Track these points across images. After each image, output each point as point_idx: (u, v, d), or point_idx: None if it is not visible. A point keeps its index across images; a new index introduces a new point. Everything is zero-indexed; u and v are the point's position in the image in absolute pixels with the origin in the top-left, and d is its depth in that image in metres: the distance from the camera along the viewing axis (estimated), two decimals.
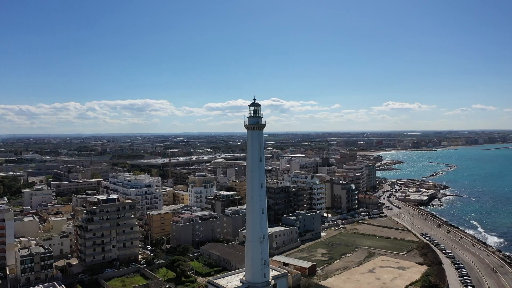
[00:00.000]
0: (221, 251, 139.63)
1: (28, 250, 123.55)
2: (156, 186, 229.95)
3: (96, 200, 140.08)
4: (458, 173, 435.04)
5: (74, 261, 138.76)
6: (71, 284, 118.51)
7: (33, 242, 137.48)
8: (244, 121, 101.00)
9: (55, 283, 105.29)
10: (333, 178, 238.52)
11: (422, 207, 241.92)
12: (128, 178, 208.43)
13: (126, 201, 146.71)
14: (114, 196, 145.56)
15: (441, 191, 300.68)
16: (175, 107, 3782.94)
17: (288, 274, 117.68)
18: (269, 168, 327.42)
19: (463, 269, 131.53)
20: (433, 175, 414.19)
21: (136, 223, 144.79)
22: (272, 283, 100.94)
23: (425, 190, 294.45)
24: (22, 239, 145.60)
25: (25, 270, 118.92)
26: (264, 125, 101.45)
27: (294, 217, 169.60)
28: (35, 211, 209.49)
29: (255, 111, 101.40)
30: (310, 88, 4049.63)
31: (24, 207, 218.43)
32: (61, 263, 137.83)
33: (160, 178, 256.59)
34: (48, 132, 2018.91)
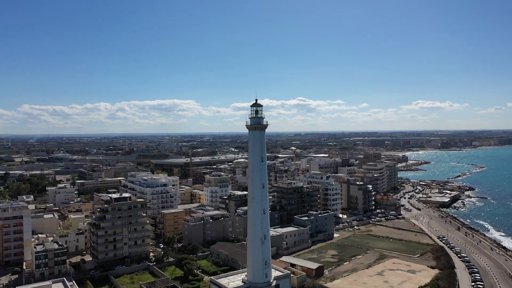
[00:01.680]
0: (229, 250, 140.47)
1: (43, 246, 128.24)
2: (174, 185, 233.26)
3: (109, 198, 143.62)
4: (486, 174, 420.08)
5: (88, 258, 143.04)
6: (83, 280, 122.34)
7: (50, 238, 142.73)
8: (246, 122, 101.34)
9: (65, 278, 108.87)
10: (350, 178, 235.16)
11: (443, 209, 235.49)
12: (145, 178, 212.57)
13: (138, 200, 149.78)
14: (126, 195, 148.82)
15: (465, 193, 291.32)
16: (202, 107, 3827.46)
17: (292, 275, 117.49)
18: (286, 168, 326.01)
19: (476, 274, 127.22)
20: (459, 176, 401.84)
21: (148, 222, 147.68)
22: (273, 284, 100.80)
23: (448, 191, 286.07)
24: (40, 235, 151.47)
25: (40, 265, 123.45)
26: (266, 126, 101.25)
27: (306, 218, 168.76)
28: (57, 208, 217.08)
29: (256, 112, 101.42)
30: (337, 87, 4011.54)
31: (48, 205, 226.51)
32: (76, 259, 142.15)
33: (177, 177, 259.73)
34: (80, 132, 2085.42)
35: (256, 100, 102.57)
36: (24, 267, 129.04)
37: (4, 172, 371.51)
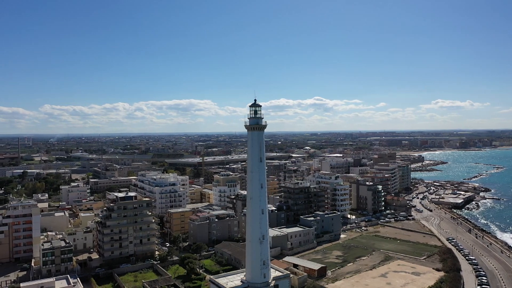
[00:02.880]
0: (233, 250, 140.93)
1: (51, 244, 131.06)
2: (183, 185, 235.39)
3: (115, 197, 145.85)
4: (504, 175, 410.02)
5: (95, 256, 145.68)
6: (88, 277, 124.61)
7: (59, 236, 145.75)
8: (245, 122, 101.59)
9: (68, 275, 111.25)
10: (359, 179, 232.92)
11: (456, 211, 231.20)
12: (154, 177, 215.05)
13: (144, 199, 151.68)
14: (132, 194, 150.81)
15: (480, 194, 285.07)
16: (218, 107, 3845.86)
17: (293, 276, 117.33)
18: (295, 168, 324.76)
19: (483, 277, 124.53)
20: (475, 176, 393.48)
21: (153, 220, 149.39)
22: (272, 284, 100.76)
23: (462, 192, 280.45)
24: (49, 233, 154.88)
25: (46, 262, 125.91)
26: (264, 126, 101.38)
27: (312, 218, 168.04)
28: (70, 206, 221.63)
29: (255, 112, 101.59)
30: (354, 86, 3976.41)
31: (61, 203, 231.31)
32: (83, 257, 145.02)
33: (187, 177, 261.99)
34: (99, 132, 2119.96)
35: (255, 100, 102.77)
36: (33, 264, 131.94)
37: (22, 170, 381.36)
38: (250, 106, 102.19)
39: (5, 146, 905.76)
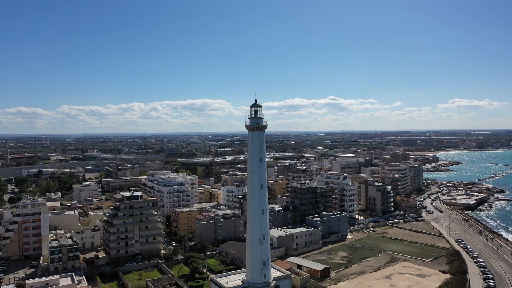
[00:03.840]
0: (237, 250, 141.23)
1: (58, 242, 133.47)
2: (192, 184, 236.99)
3: (121, 196, 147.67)
4: None
5: (102, 254, 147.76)
6: (93, 275, 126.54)
7: (68, 234, 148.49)
8: (246, 122, 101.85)
9: (73, 273, 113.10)
10: (369, 179, 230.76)
11: (468, 212, 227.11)
12: (162, 177, 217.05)
13: (150, 198, 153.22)
14: (138, 193, 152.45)
15: (494, 195, 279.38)
16: (232, 107, 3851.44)
17: (295, 276, 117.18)
18: (304, 168, 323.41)
19: (490, 280, 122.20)
20: (491, 177, 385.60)
21: (159, 220, 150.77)
22: (273, 284, 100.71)
23: (475, 193, 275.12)
24: (58, 231, 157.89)
25: (54, 260, 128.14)
26: (265, 126, 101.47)
27: (318, 218, 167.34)
28: (81, 205, 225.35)
29: (256, 112, 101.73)
30: (369, 85, 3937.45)
31: (72, 202, 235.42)
32: (90, 255, 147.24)
33: (196, 176, 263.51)
34: (115, 132, 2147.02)
35: (256, 100, 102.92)
36: (41, 262, 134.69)
37: (37, 170, 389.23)
38: (250, 107, 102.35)
39: (24, 145, 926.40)
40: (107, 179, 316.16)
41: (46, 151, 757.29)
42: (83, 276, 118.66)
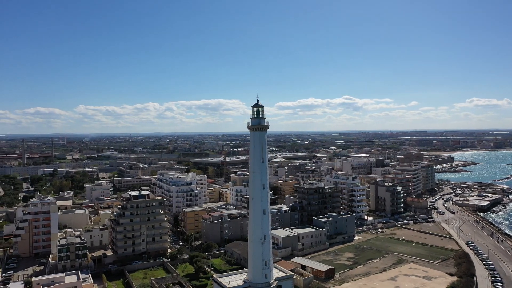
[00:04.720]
0: (242, 249, 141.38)
1: (66, 240, 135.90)
2: (202, 184, 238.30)
3: (128, 196, 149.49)
4: None
5: (109, 253, 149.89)
6: (100, 273, 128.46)
7: (77, 233, 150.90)
8: (247, 122, 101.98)
9: (79, 271, 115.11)
10: (379, 179, 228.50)
11: (480, 213, 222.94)
12: (171, 176, 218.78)
13: (156, 198, 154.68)
14: (145, 193, 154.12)
15: (509, 196, 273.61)
16: (246, 106, 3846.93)
17: (299, 277, 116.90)
18: (313, 168, 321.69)
19: (499, 283, 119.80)
20: (507, 178, 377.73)
21: (165, 219, 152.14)
22: (274, 284, 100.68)
23: (489, 194, 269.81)
24: (68, 229, 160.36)
25: (62, 258, 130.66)
26: (267, 126, 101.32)
27: (325, 219, 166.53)
28: (92, 204, 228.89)
29: (258, 112, 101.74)
30: (385, 84, 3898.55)
31: (84, 201, 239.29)
32: (98, 253, 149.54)
33: (205, 176, 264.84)
34: (130, 131, 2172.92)
35: (258, 101, 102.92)
36: (50, 259, 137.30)
37: (52, 169, 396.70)
38: (252, 107, 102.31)
39: (41, 145, 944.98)
40: (119, 178, 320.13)
41: (63, 151, 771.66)
42: (90, 274, 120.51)
